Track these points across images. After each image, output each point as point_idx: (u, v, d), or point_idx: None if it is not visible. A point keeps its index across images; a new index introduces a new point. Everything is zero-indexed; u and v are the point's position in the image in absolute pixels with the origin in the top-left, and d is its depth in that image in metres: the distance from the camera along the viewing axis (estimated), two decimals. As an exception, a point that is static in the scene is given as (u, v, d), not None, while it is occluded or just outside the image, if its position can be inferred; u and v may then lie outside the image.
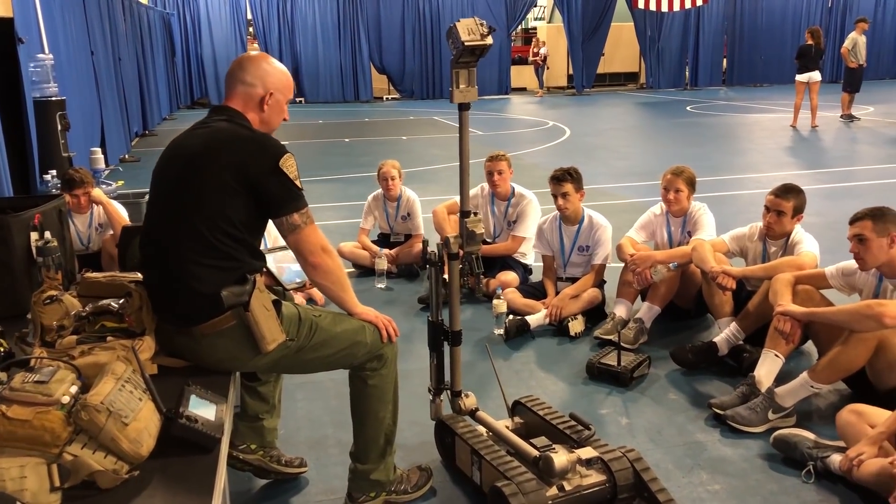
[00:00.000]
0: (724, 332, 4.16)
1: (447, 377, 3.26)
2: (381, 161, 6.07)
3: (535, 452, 2.91)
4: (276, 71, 2.63)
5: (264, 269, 3.06)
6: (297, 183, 2.49)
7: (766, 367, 3.64)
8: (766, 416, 3.48)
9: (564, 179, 4.88)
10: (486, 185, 5.61)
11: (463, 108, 2.98)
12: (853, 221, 3.53)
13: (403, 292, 5.61)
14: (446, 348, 3.20)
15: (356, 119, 18.20)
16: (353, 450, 2.92)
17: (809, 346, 4.11)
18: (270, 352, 2.47)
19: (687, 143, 13.14)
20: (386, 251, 5.85)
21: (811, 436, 3.27)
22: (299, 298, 4.66)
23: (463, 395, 3.29)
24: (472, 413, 3.28)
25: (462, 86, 2.92)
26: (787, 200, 4.18)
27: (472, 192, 5.68)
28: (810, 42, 14.23)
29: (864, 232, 3.46)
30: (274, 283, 3.23)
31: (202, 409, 2.07)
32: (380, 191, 6.06)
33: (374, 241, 6.17)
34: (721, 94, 22.64)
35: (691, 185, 4.76)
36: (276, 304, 2.53)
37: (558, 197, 4.90)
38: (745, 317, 4.10)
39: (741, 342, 4.12)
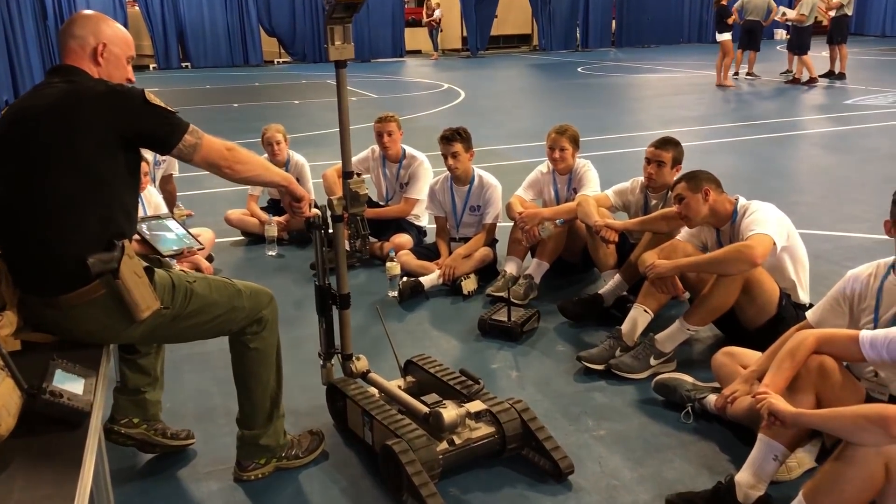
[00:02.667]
0: (609, 284, 4.30)
1: (338, 341, 3.24)
2: (265, 126, 5.89)
3: (426, 409, 2.93)
4: (111, 25, 2.53)
5: (137, 238, 2.94)
6: (170, 108, 2.39)
7: (634, 322, 3.77)
8: (647, 363, 3.62)
9: (454, 139, 4.88)
10: (376, 148, 5.56)
11: (339, 65, 2.91)
12: (672, 188, 3.73)
13: (295, 259, 5.51)
14: (336, 313, 3.17)
15: (246, 84, 17.65)
16: (240, 416, 2.87)
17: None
18: (144, 320, 2.38)
19: (578, 104, 13.38)
20: (276, 218, 5.72)
21: (689, 379, 3.43)
22: (184, 267, 4.51)
23: (354, 358, 3.27)
24: (364, 375, 3.27)
25: (337, 42, 2.85)
26: (667, 151, 4.32)
27: (363, 154, 5.64)
28: (724, 2, 14.68)
29: (681, 192, 3.68)
30: (150, 251, 3.12)
31: (69, 384, 1.98)
32: (266, 156, 5.90)
33: (263, 208, 6.03)
34: (611, 56, 23.12)
35: (575, 143, 4.85)
36: (149, 271, 2.43)
37: (448, 157, 4.90)
38: (628, 268, 4.24)
39: (625, 293, 4.27)
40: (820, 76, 15.01)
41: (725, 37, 14.59)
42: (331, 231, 3.07)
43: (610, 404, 3.44)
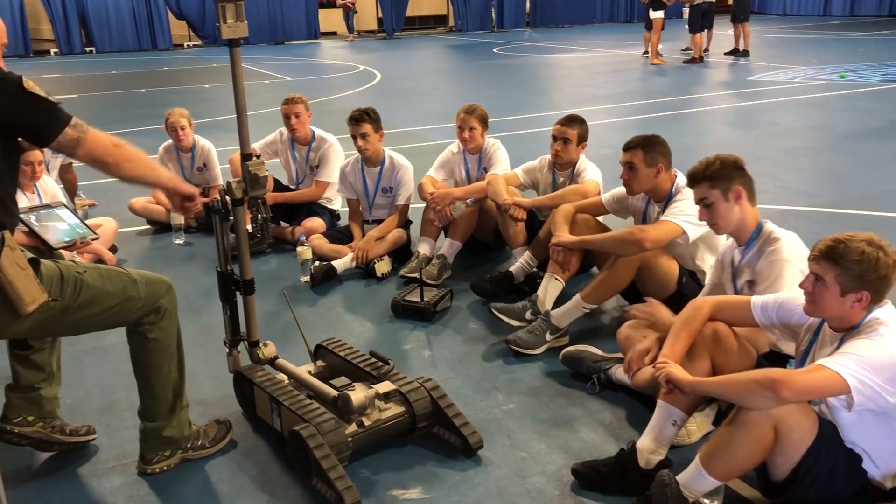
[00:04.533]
0: (519, 261, 4.34)
1: (244, 328, 3.18)
2: (168, 110, 5.71)
3: (334, 392, 2.91)
4: None
5: (25, 229, 2.81)
6: (51, 98, 2.27)
7: (547, 289, 3.84)
8: (543, 338, 3.68)
9: (363, 120, 4.83)
10: (284, 130, 5.46)
11: (233, 44, 2.84)
12: (626, 149, 3.73)
13: (203, 246, 5.38)
14: (241, 299, 3.11)
15: (154, 68, 17.09)
16: (141, 408, 2.79)
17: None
18: (31, 314, 2.28)
19: (493, 85, 13.45)
20: (183, 204, 5.56)
21: (596, 351, 3.50)
22: (84, 258, 4.34)
23: (261, 344, 3.22)
24: (272, 362, 3.22)
25: (230, 20, 2.78)
26: (572, 128, 4.38)
27: (271, 137, 5.54)
28: None
29: (634, 161, 3.67)
30: (39, 243, 2.99)
31: (-56, 383, 1.88)
32: (171, 141, 5.73)
33: (170, 195, 5.85)
34: (525, 36, 23.31)
35: (484, 122, 4.87)
36: (34, 263, 2.33)
37: (357, 138, 4.85)
38: (537, 245, 4.29)
39: (535, 269, 4.32)
40: (725, 53, 15.49)
41: (658, 15, 14.81)
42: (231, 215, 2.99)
43: (520, 379, 3.49)
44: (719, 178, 2.95)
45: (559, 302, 3.81)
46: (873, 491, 2.33)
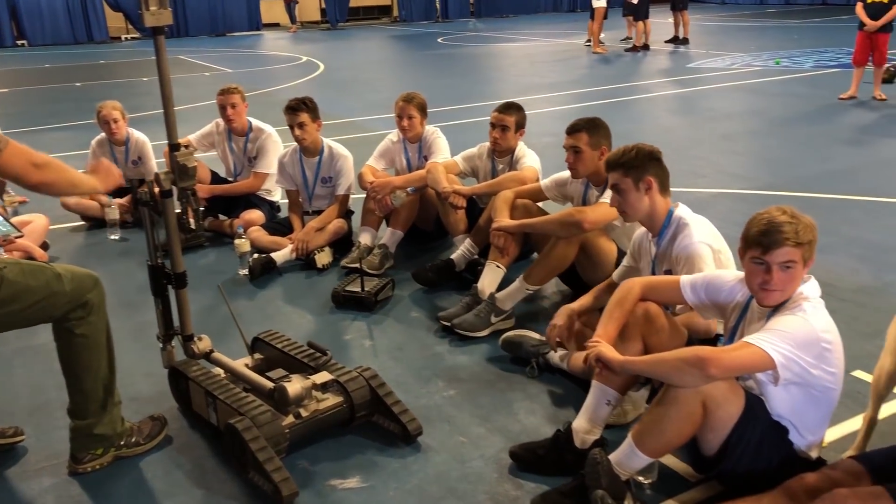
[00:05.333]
0: (460, 249, 4.35)
1: (178, 323, 3.12)
2: (100, 103, 5.55)
3: (270, 385, 2.88)
4: None
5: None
6: None
7: (488, 278, 3.86)
8: (488, 321, 3.71)
9: (299, 109, 4.77)
10: (220, 121, 5.36)
11: (157, 31, 2.77)
12: (570, 132, 3.75)
13: (139, 242, 5.24)
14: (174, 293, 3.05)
15: (90, 62, 16.63)
16: (71, 406, 2.73)
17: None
18: (-54, 313, 2.20)
19: (438, 75, 13.44)
20: (116, 200, 5.44)
21: (535, 335, 3.53)
22: (12, 255, 4.21)
23: (196, 338, 3.17)
24: (207, 356, 3.17)
25: (153, 7, 2.70)
26: (510, 115, 4.40)
27: (207, 128, 5.45)
28: None
29: (579, 144, 3.70)
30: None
31: None
32: (104, 135, 5.58)
33: (105, 190, 5.71)
34: (470, 26, 23.33)
35: (423, 110, 4.85)
36: (-51, 261, 2.24)
37: (295, 127, 4.79)
38: (478, 232, 4.30)
39: (476, 256, 4.33)
40: (665, 41, 15.72)
41: (601, 3, 14.90)
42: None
43: (461, 365, 3.50)
44: (633, 167, 3.01)
45: (501, 289, 3.83)
46: (800, 461, 2.39)
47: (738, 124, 8.50)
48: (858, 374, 3.15)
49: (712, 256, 2.91)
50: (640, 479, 2.57)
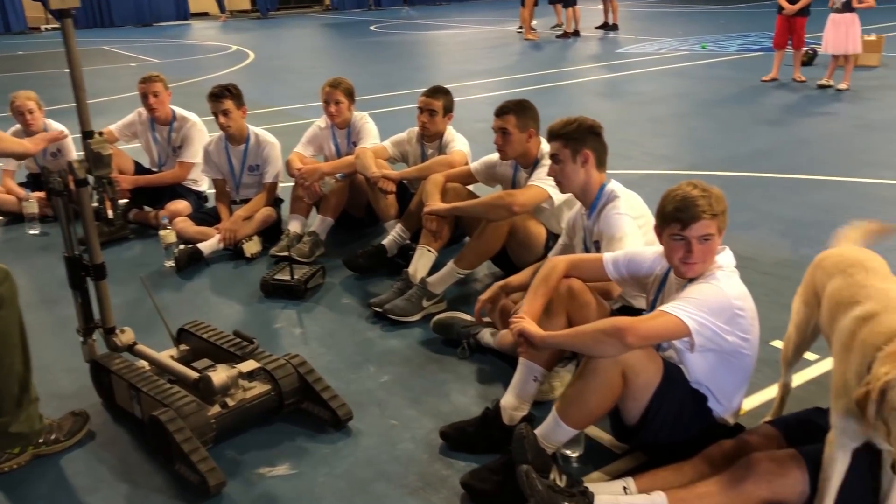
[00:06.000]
0: (391, 234, 4.34)
1: (99, 316, 3.04)
2: (13, 93, 5.33)
3: (195, 375, 2.83)
4: None
5: None
6: None
7: (420, 262, 3.86)
8: (420, 305, 3.71)
9: (223, 96, 4.68)
10: (143, 111, 5.22)
11: (64, 14, 2.67)
12: (498, 114, 3.76)
13: (60, 236, 5.07)
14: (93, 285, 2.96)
15: (6, 53, 15.99)
16: (-16, 406, 2.62)
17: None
18: None
19: (370, 62, 13.35)
20: (35, 193, 5.25)
21: (465, 316, 3.54)
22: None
23: (118, 331, 3.09)
24: (130, 348, 3.10)
25: (59, -11, 2.60)
26: (437, 99, 4.39)
27: (129, 118, 5.31)
28: None
29: (507, 126, 3.72)
30: None
31: None
32: (19, 126, 5.36)
33: (22, 184, 5.52)
34: (403, 14, 23.20)
35: (350, 95, 4.81)
36: None
37: (219, 115, 4.69)
38: (409, 217, 4.29)
39: (407, 241, 4.32)
40: (595, 28, 15.91)
41: None
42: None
43: (392, 349, 3.49)
44: (573, 138, 3.03)
45: (432, 274, 3.83)
46: (719, 428, 2.46)
47: (665, 107, 8.67)
48: (776, 343, 3.24)
49: (635, 230, 2.96)
50: (567, 452, 2.62)
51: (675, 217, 2.34)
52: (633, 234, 2.91)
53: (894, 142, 6.81)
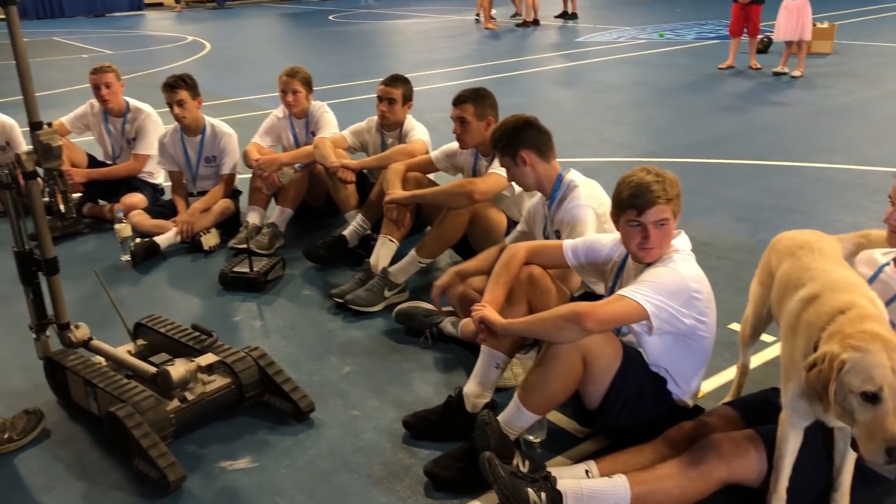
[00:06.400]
0: (352, 224, 4.30)
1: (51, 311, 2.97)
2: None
3: (153, 369, 2.78)
4: None
5: None
6: None
7: (381, 252, 3.85)
8: (382, 295, 3.69)
9: (178, 86, 4.59)
10: (95, 102, 5.11)
11: (7, 2, 2.59)
12: (456, 103, 3.76)
13: (2, 231, 4.96)
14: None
15: (-47, 45, 15.54)
16: (-70, 408, 2.55)
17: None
18: None
19: (329, 52, 13.23)
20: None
21: (428, 306, 3.53)
22: None
23: (72, 326, 3.02)
24: (86, 344, 3.03)
25: (1, -24, 2.53)
26: (396, 88, 4.36)
27: (80, 109, 5.21)
28: None
29: (465, 115, 3.71)
30: None
31: None
32: (-35, 119, 5.22)
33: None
34: (362, 3, 23.02)
35: (308, 85, 4.76)
36: None
37: (174, 105, 4.61)
38: (369, 207, 4.26)
39: (368, 231, 4.29)
40: (555, 17, 15.96)
41: None
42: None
43: (354, 340, 3.47)
44: (505, 147, 3.10)
45: (394, 264, 3.81)
46: (678, 410, 2.49)
47: (623, 95, 8.73)
48: (734, 326, 3.29)
49: (595, 219, 2.98)
50: (530, 438, 2.63)
51: (630, 203, 2.35)
52: (593, 223, 2.93)
53: (847, 127, 6.95)
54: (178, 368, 2.73)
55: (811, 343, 1.97)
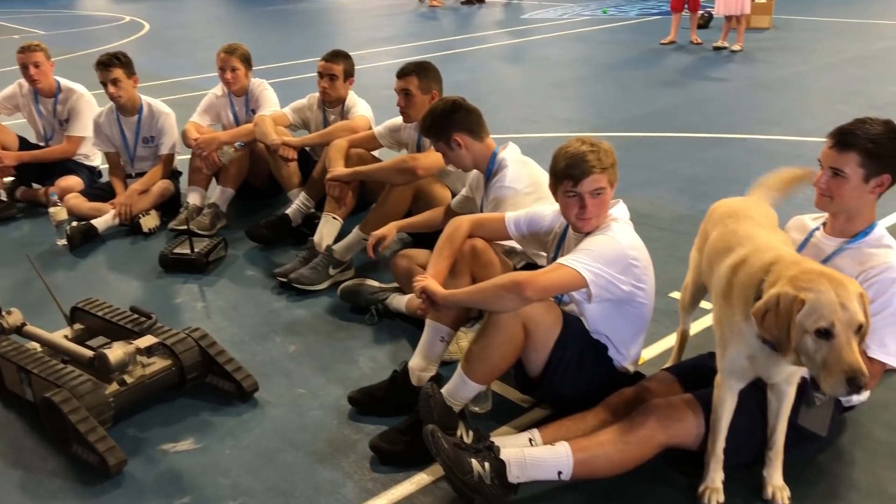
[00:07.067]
0: (295, 203, 4.25)
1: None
2: None
3: (90, 353, 2.72)
4: None
5: None
6: None
7: (325, 229, 3.81)
8: (326, 273, 3.66)
9: (112, 64, 4.46)
10: (24, 82, 4.93)
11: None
12: (400, 75, 3.72)
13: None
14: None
15: None
16: None
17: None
18: None
19: (272, 31, 13.02)
20: None
21: (374, 283, 3.51)
22: None
23: (4, 312, 2.93)
24: (19, 330, 2.95)
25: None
26: (337, 64, 4.30)
27: (9, 90, 5.05)
28: None
29: (409, 87, 3.69)
30: None
31: None
32: None
33: None
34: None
35: (247, 62, 4.66)
36: None
37: (108, 84, 4.48)
38: (312, 185, 4.21)
39: (312, 210, 4.24)
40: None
41: None
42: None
43: (299, 319, 3.44)
44: (437, 132, 3.10)
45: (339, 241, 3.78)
46: (619, 377, 2.52)
47: (568, 72, 8.78)
48: (675, 294, 3.34)
49: (517, 200, 2.98)
50: (476, 408, 2.64)
51: (566, 174, 2.37)
52: (517, 205, 2.92)
53: (784, 100, 7.10)
54: (117, 351, 2.67)
55: (750, 302, 2.01)
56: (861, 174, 2.20)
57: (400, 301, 3.33)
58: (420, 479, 2.38)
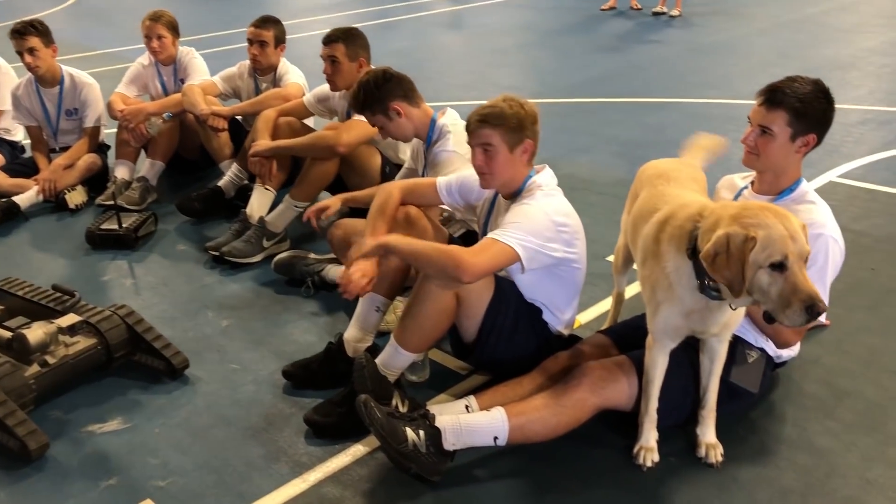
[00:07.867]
0: (228, 175, 4.14)
1: None
2: None
3: (8, 334, 2.60)
4: None
5: None
6: None
7: (257, 201, 3.72)
8: (260, 245, 3.58)
9: (27, 33, 4.25)
10: (-66, 54, 4.68)
11: None
12: (326, 42, 3.62)
13: None
14: None
15: None
16: None
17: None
18: None
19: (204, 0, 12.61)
20: None
21: (309, 254, 3.44)
22: None
23: (-84, 294, 2.78)
24: (-68, 312, 2.80)
25: None
26: (267, 30, 4.18)
27: (-81, 63, 4.73)
28: None
29: (336, 54, 3.59)
30: None
31: None
32: None
33: None
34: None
35: (173, 29, 4.49)
36: None
37: (25, 54, 4.27)
38: (244, 156, 4.08)
39: (245, 181, 4.14)
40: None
41: None
42: None
43: (232, 294, 3.35)
44: (373, 104, 3.02)
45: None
46: (555, 341, 2.51)
47: (509, 38, 8.71)
48: (612, 258, 3.36)
49: (461, 164, 2.94)
50: (413, 377, 2.62)
51: (467, 127, 2.38)
52: (461, 168, 2.88)
53: (720, 64, 7.16)
54: (37, 331, 2.57)
55: (687, 250, 2.00)
56: (788, 133, 2.21)
57: (336, 272, 3.26)
58: (356, 450, 2.35)
